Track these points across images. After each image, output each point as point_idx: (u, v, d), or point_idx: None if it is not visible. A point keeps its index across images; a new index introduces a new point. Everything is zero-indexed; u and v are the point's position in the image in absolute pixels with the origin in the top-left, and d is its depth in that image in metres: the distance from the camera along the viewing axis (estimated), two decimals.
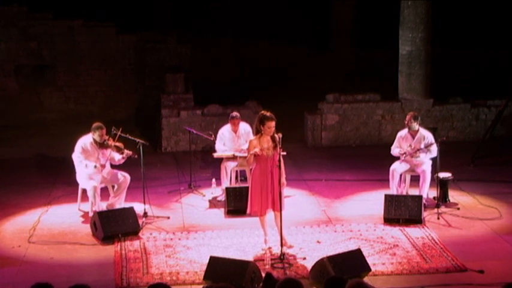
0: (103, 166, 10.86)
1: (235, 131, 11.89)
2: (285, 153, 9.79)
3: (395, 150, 11.40)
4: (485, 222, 10.60)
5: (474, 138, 15.01)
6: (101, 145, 10.87)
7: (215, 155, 11.87)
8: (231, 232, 10.30)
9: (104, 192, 11.17)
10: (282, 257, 9.19)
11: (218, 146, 11.90)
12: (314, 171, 13.08)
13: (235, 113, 12.02)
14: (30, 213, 11.16)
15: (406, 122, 11.35)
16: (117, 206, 10.82)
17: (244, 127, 12.04)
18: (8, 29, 16.86)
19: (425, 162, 11.21)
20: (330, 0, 20.19)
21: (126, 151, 10.89)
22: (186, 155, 13.19)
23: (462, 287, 8.58)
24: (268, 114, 9.33)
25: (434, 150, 11.11)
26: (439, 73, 15.99)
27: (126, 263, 9.28)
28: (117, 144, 10.90)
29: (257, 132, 9.42)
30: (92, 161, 10.82)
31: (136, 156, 10.77)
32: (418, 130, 11.30)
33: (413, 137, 11.31)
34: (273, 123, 9.30)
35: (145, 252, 9.63)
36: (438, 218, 10.68)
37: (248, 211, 9.67)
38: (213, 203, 11.57)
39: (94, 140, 10.87)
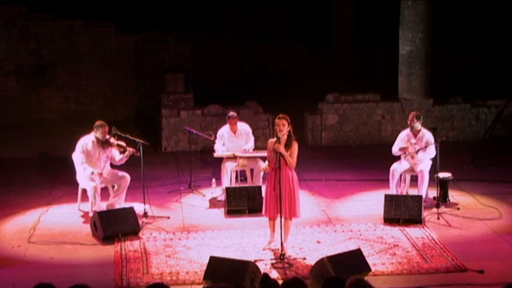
0: (100, 174, 10.82)
1: (233, 131, 11.86)
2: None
3: (395, 148, 11.39)
4: (485, 222, 10.60)
5: (474, 138, 15.01)
6: (103, 143, 10.86)
7: (215, 154, 11.87)
8: (231, 232, 10.30)
9: (104, 192, 11.17)
10: (282, 257, 9.20)
11: (218, 146, 11.89)
12: (314, 171, 13.07)
13: (231, 113, 11.98)
14: (30, 213, 11.16)
15: (408, 122, 11.35)
16: (117, 206, 10.82)
17: (243, 127, 12.02)
18: (8, 29, 16.87)
19: (423, 162, 11.21)
20: (329, 0, 20.17)
21: (128, 149, 10.88)
22: (186, 155, 13.19)
23: (462, 287, 8.58)
24: (281, 114, 9.50)
25: (432, 151, 11.11)
26: (439, 73, 15.99)
27: (126, 263, 9.28)
28: (120, 142, 10.89)
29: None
30: (93, 161, 10.82)
31: (138, 154, 10.76)
32: (420, 130, 11.31)
33: (415, 136, 11.32)
34: (281, 122, 9.36)
35: (145, 252, 9.63)
36: (438, 218, 10.68)
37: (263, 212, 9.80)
38: (213, 203, 11.57)
39: (96, 138, 10.86)
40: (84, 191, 10.96)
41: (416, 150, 11.14)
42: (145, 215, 10.73)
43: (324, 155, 14.50)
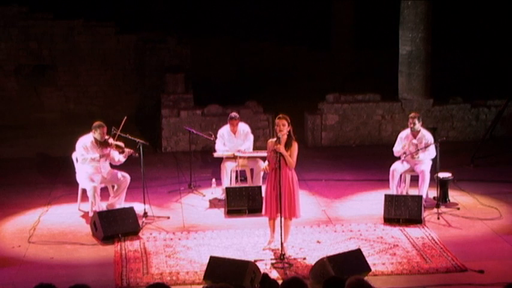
0: (108, 155, 10.84)
1: (234, 131, 11.86)
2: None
3: (397, 148, 11.39)
4: (485, 222, 10.60)
5: (474, 138, 15.01)
6: (102, 144, 10.86)
7: (215, 154, 11.87)
8: (231, 232, 10.30)
9: (104, 192, 11.17)
10: (282, 257, 9.20)
11: (219, 145, 11.89)
12: (314, 171, 13.08)
13: (234, 114, 11.99)
14: (30, 213, 11.15)
15: (409, 124, 11.34)
16: (117, 206, 10.82)
17: (243, 127, 12.02)
18: (8, 29, 16.89)
19: (424, 162, 11.22)
20: (329, 0, 20.18)
21: (126, 149, 10.89)
22: (186, 155, 13.20)
23: (462, 287, 8.58)
24: (281, 114, 9.50)
25: (432, 151, 11.12)
26: (439, 73, 15.99)
27: (126, 263, 9.27)
28: (118, 143, 10.90)
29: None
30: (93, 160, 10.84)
31: (137, 154, 10.76)
32: (419, 131, 11.32)
33: (414, 137, 11.33)
34: (281, 122, 9.36)
35: (145, 252, 9.62)
36: (438, 218, 10.68)
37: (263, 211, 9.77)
38: (213, 203, 11.57)
39: (95, 139, 10.86)
40: (84, 191, 10.96)
41: (416, 150, 11.16)
42: (145, 215, 10.73)
43: (324, 155, 14.49)
